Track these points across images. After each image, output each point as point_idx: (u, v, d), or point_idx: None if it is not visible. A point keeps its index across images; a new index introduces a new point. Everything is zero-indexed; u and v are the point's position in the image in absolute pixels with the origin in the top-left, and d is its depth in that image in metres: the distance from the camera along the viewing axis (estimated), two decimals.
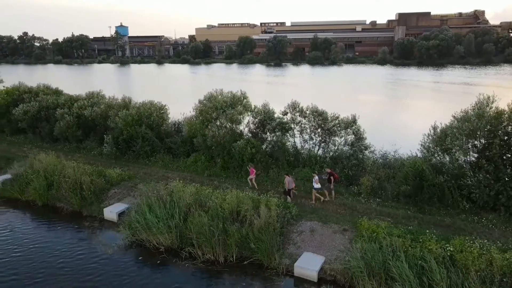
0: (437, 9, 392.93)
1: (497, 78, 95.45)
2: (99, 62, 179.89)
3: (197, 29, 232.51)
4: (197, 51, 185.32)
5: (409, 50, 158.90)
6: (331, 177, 19.69)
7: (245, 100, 25.70)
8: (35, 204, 22.67)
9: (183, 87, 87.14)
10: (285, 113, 25.22)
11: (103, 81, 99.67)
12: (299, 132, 25.03)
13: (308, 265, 15.00)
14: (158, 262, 16.80)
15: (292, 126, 25.14)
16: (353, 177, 21.25)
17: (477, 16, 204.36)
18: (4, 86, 36.19)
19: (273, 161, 23.72)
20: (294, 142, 25.17)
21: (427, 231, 15.08)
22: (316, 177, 19.49)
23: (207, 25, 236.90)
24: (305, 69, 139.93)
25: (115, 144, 27.11)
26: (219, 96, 25.87)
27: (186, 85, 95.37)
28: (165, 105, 29.18)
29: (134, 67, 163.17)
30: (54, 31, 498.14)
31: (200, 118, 25.52)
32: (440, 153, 19.37)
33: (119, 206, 20.85)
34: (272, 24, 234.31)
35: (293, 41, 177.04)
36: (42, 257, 17.39)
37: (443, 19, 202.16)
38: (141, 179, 23.33)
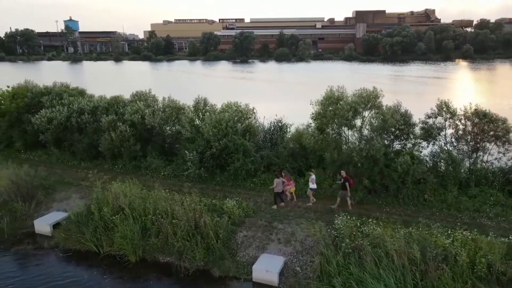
0: (388, 7, 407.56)
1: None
2: (49, 59, 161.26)
3: (153, 25, 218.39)
4: (158, 47, 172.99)
5: (374, 47, 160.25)
6: (346, 183, 16.62)
7: (378, 99, 19.78)
8: (126, 260, 15.02)
9: (176, 86, 78.16)
10: (433, 115, 19.64)
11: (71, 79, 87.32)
12: (452, 140, 19.61)
13: None
14: None
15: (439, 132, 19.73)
16: None
17: (428, 15, 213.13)
18: (8, 87, 26.46)
19: (438, 180, 18.08)
20: (449, 152, 19.62)
21: None
22: (313, 176, 17.40)
23: (164, 21, 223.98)
24: (275, 65, 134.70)
25: (200, 161, 19.96)
26: (348, 95, 19.74)
27: (178, 84, 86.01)
28: (252, 108, 22.29)
29: (90, 64, 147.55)
30: None
31: (328, 126, 19.33)
32: None
33: (273, 260, 14.07)
34: (231, 20, 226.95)
35: (258, 37, 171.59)
36: None
37: (400, 17, 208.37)
38: (270, 214, 16.64)
